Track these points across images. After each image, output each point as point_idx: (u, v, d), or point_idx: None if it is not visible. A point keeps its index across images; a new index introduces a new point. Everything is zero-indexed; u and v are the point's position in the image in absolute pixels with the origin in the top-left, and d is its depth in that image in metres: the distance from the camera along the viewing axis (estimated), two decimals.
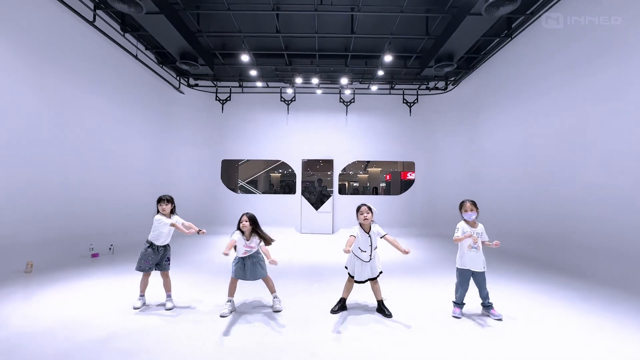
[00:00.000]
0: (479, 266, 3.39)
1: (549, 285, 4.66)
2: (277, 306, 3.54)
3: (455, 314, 3.39)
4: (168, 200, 3.72)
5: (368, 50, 8.51)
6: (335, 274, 5.34)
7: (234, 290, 3.57)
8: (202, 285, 4.58)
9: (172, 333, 2.96)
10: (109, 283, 4.54)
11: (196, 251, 7.30)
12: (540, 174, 6.75)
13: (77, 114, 6.55)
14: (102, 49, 7.11)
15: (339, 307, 3.53)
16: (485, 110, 9.05)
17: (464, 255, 3.45)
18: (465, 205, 3.49)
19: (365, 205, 3.50)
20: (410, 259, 6.63)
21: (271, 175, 17.56)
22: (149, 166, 9.05)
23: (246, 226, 3.52)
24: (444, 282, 4.82)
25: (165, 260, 3.65)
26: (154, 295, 3.85)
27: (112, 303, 3.69)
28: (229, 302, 3.51)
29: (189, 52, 7.32)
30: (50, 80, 5.96)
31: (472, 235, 3.41)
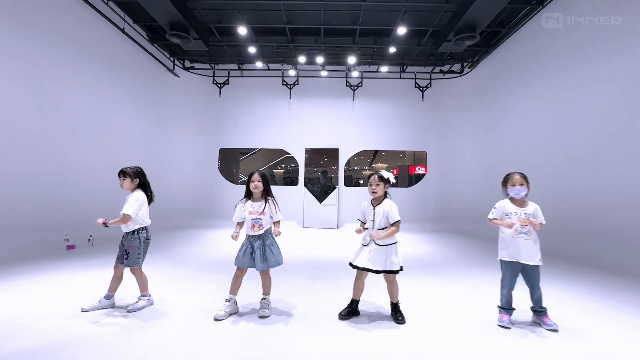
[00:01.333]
0: (530, 257, 2.59)
1: (602, 287, 3.84)
2: (264, 311, 2.76)
3: (502, 322, 2.59)
4: (125, 173, 2.94)
5: (378, 24, 7.68)
6: (341, 270, 4.58)
7: (238, 286, 2.82)
8: (184, 280, 3.83)
9: (134, 339, 2.21)
10: (78, 279, 3.82)
11: (187, 243, 6.57)
12: (567, 163, 5.91)
13: (53, 91, 5.84)
14: (83, 19, 6.39)
15: (348, 312, 2.76)
16: (506, 95, 8.18)
17: (509, 243, 2.64)
18: (513, 178, 2.67)
19: (377, 174, 2.73)
20: (426, 255, 5.84)
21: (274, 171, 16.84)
22: (138, 153, 8.34)
23: (258, 187, 2.79)
24: (472, 282, 4.03)
25: (124, 253, 2.87)
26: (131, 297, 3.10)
27: (69, 303, 2.95)
28: (229, 301, 2.76)
29: (179, 22, 6.58)
30: (24, 56, 5.27)
31: (520, 218, 2.61)
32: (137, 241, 2.90)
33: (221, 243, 6.76)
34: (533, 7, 6.56)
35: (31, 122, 5.47)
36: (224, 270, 4.27)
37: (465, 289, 3.73)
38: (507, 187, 2.71)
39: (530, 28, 7.05)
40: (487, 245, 6.73)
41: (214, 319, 2.62)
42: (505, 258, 2.67)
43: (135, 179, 2.98)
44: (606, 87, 5.29)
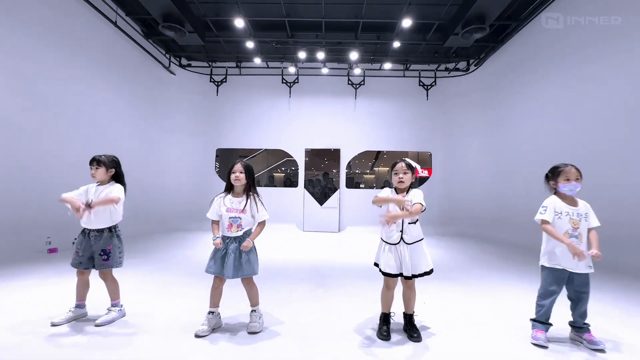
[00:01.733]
0: (581, 265, 2.17)
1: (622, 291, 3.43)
2: (253, 325, 2.35)
3: (538, 340, 2.17)
4: (99, 162, 2.57)
5: (382, 18, 7.34)
6: (344, 276, 4.18)
7: (218, 296, 2.40)
8: (172, 289, 3.43)
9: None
10: (54, 285, 3.41)
11: (180, 247, 6.17)
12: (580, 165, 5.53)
13: (39, 85, 5.49)
14: (72, 10, 6.06)
15: (388, 329, 2.32)
16: (514, 93, 7.83)
17: (556, 246, 2.23)
18: (569, 171, 2.24)
19: (404, 161, 2.35)
20: (435, 260, 5.40)
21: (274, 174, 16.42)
22: (131, 152, 7.97)
23: (240, 179, 2.39)
24: (490, 290, 3.62)
25: (100, 254, 2.47)
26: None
27: (41, 314, 2.55)
28: (211, 314, 2.34)
29: (173, 14, 6.25)
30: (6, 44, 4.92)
31: (571, 219, 2.21)
32: (116, 239, 2.55)
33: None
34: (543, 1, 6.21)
35: (13, 118, 5.10)
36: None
37: (484, 298, 3.32)
38: (557, 181, 2.30)
39: (538, 23, 6.75)
40: (498, 250, 6.32)
41: (195, 336, 2.21)
42: (548, 264, 2.25)
43: (111, 168, 2.60)
44: (617, 85, 5.06)
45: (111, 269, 2.53)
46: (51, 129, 5.76)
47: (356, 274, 4.28)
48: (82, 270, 2.50)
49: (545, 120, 6.74)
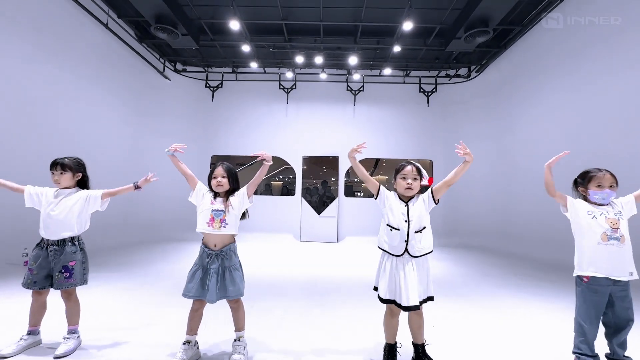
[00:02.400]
0: (622, 270, 1.83)
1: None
2: (237, 356, 1.99)
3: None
4: (63, 166, 2.25)
5: (382, 22, 7.15)
6: (343, 292, 3.82)
7: (197, 321, 2.06)
8: (151, 307, 3.07)
9: None
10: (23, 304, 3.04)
11: (169, 259, 5.79)
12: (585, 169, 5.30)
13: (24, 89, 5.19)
14: (60, 9, 5.82)
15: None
16: (517, 99, 7.63)
17: (592, 251, 1.88)
18: (602, 177, 1.93)
19: (413, 165, 2.03)
20: (441, 274, 5.07)
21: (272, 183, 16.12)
22: (124, 159, 7.67)
23: (222, 184, 2.12)
24: (509, 310, 3.27)
25: (61, 271, 2.12)
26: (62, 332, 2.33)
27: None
28: (187, 344, 2.00)
29: (165, 15, 6.02)
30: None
31: (608, 219, 1.89)
32: (80, 253, 2.22)
33: None
34: (551, 1, 6.02)
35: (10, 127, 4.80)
36: None
37: (501, 319, 2.97)
38: (588, 187, 1.99)
39: (538, 27, 6.62)
40: (506, 263, 5.97)
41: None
42: (585, 272, 1.89)
43: (78, 172, 2.29)
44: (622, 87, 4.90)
45: (74, 288, 2.19)
46: (39, 135, 5.44)
47: (356, 289, 3.93)
48: (38, 291, 2.15)
49: (549, 127, 6.52)
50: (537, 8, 6.30)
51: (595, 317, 1.87)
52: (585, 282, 1.90)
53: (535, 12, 6.44)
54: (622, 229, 1.86)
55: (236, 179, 2.18)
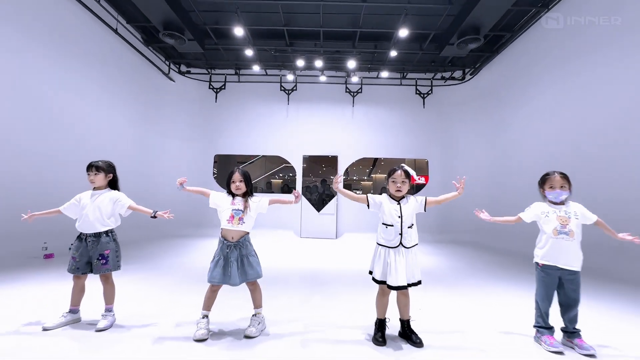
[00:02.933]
0: (571, 262, 2.22)
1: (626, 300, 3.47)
2: (251, 329, 2.36)
3: (554, 346, 2.17)
4: (98, 167, 2.60)
5: (379, 27, 7.48)
6: (341, 283, 4.19)
7: (212, 302, 2.42)
8: (169, 295, 3.43)
9: None
10: (49, 291, 3.40)
11: (176, 254, 6.15)
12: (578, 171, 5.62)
13: (38, 91, 5.53)
14: (75, 18, 6.14)
15: (383, 334, 2.34)
16: (509, 101, 7.97)
17: (545, 243, 2.28)
18: (553, 179, 2.32)
19: (402, 169, 2.38)
20: (435, 268, 5.45)
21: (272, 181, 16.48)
22: (130, 159, 7.99)
23: (240, 188, 2.46)
24: (491, 298, 3.65)
25: (98, 258, 2.49)
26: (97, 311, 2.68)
27: (27, 319, 2.54)
28: (206, 317, 2.36)
29: (173, 22, 6.34)
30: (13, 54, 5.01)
31: (559, 216, 2.26)
32: (113, 243, 2.58)
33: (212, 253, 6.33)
34: (538, 10, 6.37)
35: (12, 126, 5.12)
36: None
37: (481, 305, 3.34)
38: (544, 188, 2.37)
39: (532, 33, 6.93)
40: (495, 258, 6.35)
41: (195, 340, 2.22)
42: (540, 260, 2.30)
43: (109, 174, 2.64)
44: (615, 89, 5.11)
45: (111, 273, 2.55)
46: (50, 136, 5.77)
47: (353, 280, 4.29)
48: (78, 276, 2.51)
49: (539, 127, 6.83)
50: (526, 16, 6.65)
51: (547, 296, 2.25)
52: (540, 267, 2.28)
53: (525, 19, 6.80)
54: (571, 226, 2.23)
55: (250, 181, 2.54)
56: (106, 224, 2.55)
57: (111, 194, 2.62)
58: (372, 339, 2.34)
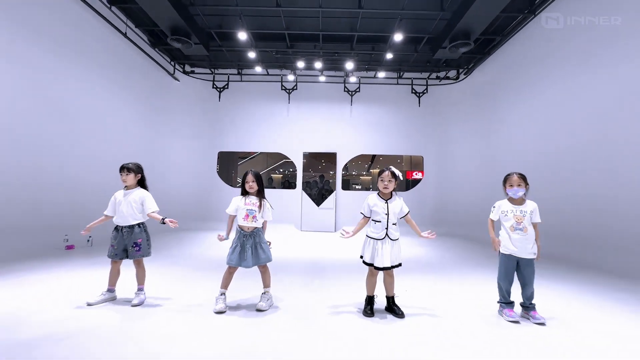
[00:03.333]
0: (525, 252, 2.70)
1: (589, 285, 3.93)
2: (262, 303, 2.84)
3: (511, 317, 2.67)
4: (129, 169, 3.03)
5: (375, 31, 7.86)
6: (340, 270, 4.65)
7: (229, 281, 2.90)
8: (183, 280, 3.89)
9: (131, 333, 2.27)
10: (77, 276, 3.86)
11: (186, 245, 6.61)
12: (564, 168, 6.05)
13: (54, 95, 5.91)
14: (87, 23, 6.51)
15: (372, 308, 2.82)
16: (501, 101, 8.36)
17: (505, 237, 2.79)
18: (511, 179, 2.79)
19: (389, 170, 2.82)
20: (423, 257, 5.93)
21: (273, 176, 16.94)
22: (137, 156, 8.37)
23: (253, 187, 2.91)
24: (473, 281, 4.11)
25: (132, 245, 2.94)
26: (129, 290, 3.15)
27: (68, 298, 3.01)
28: (223, 295, 2.83)
29: (180, 27, 6.70)
30: (26, 59, 5.35)
31: (515, 215, 2.72)
32: (144, 233, 3.04)
33: (220, 245, 6.79)
34: (526, 16, 6.74)
35: (32, 125, 5.52)
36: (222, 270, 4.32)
37: (462, 288, 3.81)
38: (505, 187, 2.81)
39: (524, 34, 7.19)
40: (481, 250, 6.81)
41: (215, 312, 2.68)
42: (502, 250, 2.79)
43: (138, 174, 3.08)
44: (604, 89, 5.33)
45: (142, 258, 3.00)
46: (65, 135, 6.17)
47: (348, 268, 4.76)
48: (116, 261, 2.96)
49: (530, 125, 7.13)
50: (514, 21, 7.03)
51: (507, 278, 2.75)
52: (501, 255, 2.78)
53: (514, 24, 7.17)
54: (525, 223, 2.70)
55: (262, 181, 2.97)
56: (137, 217, 2.99)
57: (140, 193, 3.05)
58: (362, 312, 2.80)
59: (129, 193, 3.03)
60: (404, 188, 11.61)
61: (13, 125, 5.20)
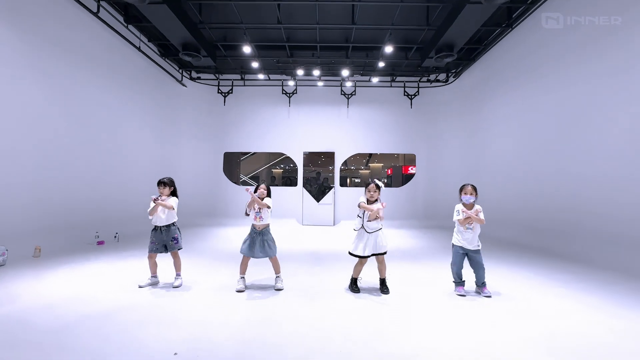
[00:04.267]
0: (473, 244, 3.49)
1: (545, 269, 4.73)
2: (278, 285, 3.64)
3: (459, 291, 3.48)
4: (165, 183, 3.79)
5: (369, 42, 8.54)
6: (337, 259, 5.43)
7: (245, 268, 3.68)
8: (207, 268, 4.70)
9: (179, 307, 3.06)
10: (115, 267, 4.64)
11: (200, 239, 7.41)
12: (540, 165, 6.80)
13: (80, 106, 6.63)
14: (105, 40, 7.20)
15: (356, 286, 3.61)
16: (486, 102, 9.08)
17: (459, 233, 3.58)
18: (466, 189, 3.57)
19: (374, 183, 3.57)
20: (410, 247, 6.72)
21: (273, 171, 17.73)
22: (152, 158, 9.15)
23: (264, 193, 3.66)
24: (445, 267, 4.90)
25: (171, 240, 3.72)
26: (163, 277, 3.94)
27: (118, 283, 3.79)
28: (242, 278, 3.63)
29: (191, 43, 7.39)
30: (55, 73, 6.03)
31: (471, 216, 3.49)
32: (177, 230, 3.82)
33: (231, 239, 7.59)
34: (503, 30, 7.42)
35: (63, 136, 6.24)
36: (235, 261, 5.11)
37: (436, 270, 4.61)
38: (460, 195, 3.58)
39: (507, 41, 7.82)
40: None
41: (236, 291, 3.48)
42: (455, 242, 3.59)
43: (171, 187, 3.83)
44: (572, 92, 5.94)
45: (178, 250, 3.78)
46: (90, 142, 6.88)
47: (346, 258, 5.52)
48: (153, 254, 3.74)
49: (514, 124, 7.76)
50: (494, 33, 7.71)
51: (458, 263, 3.53)
52: (454, 246, 3.56)
53: (494, 35, 7.85)
54: (475, 224, 3.46)
55: (270, 192, 3.72)
56: (172, 219, 3.76)
57: (171, 200, 3.80)
58: (350, 289, 3.60)
59: (165, 200, 3.78)
60: (399, 184, 12.38)
61: (48, 138, 5.93)
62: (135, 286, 3.65)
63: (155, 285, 3.75)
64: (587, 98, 5.66)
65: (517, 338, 2.45)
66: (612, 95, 5.15)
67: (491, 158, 8.83)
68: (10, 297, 3.22)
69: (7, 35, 5.14)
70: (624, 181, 4.89)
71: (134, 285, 3.68)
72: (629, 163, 4.81)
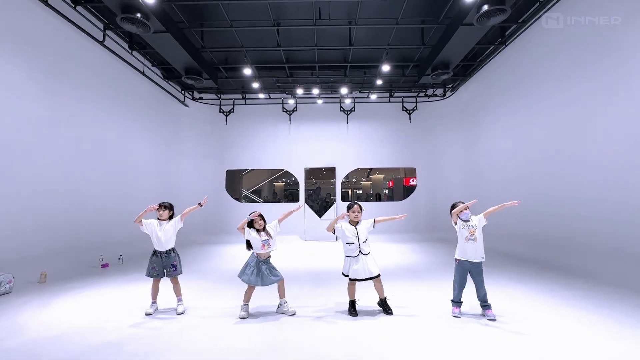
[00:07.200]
0: (475, 256, 3.49)
1: (548, 285, 4.73)
2: (290, 310, 3.66)
3: (455, 313, 3.48)
4: (165, 206, 3.87)
5: (366, 61, 8.76)
6: (339, 278, 5.44)
7: (249, 297, 3.68)
8: (210, 291, 4.73)
9: (184, 335, 3.10)
10: (120, 291, 4.69)
11: (204, 259, 7.44)
12: (539, 176, 6.86)
13: (86, 129, 6.82)
14: (111, 66, 7.44)
15: (354, 310, 3.63)
16: (483, 115, 9.21)
17: (461, 246, 3.58)
18: (459, 206, 3.63)
19: (357, 204, 3.65)
20: (413, 263, 6.72)
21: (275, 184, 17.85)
22: (155, 178, 9.29)
23: (261, 225, 3.70)
24: (447, 284, 4.91)
25: (170, 267, 3.77)
26: (167, 301, 3.99)
27: (124, 310, 3.84)
28: (246, 305, 3.64)
29: (193, 68, 7.61)
30: (62, 98, 6.26)
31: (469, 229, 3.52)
32: (177, 256, 3.88)
33: (234, 257, 7.62)
34: (496, 47, 7.62)
35: (68, 160, 6.41)
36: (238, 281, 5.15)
37: (438, 289, 4.61)
38: (457, 212, 3.63)
39: (502, 57, 8.00)
40: None
41: (239, 318, 3.51)
42: (458, 257, 3.58)
43: (171, 210, 3.92)
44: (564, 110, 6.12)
45: (177, 276, 3.83)
46: (94, 160, 7.03)
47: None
48: (157, 279, 3.79)
49: (510, 138, 7.89)
50: (487, 50, 7.90)
51: (460, 282, 3.54)
52: (457, 262, 3.56)
53: (488, 52, 8.04)
54: (476, 234, 3.49)
55: (264, 219, 3.76)
56: (172, 243, 3.82)
57: (172, 222, 3.88)
58: (348, 312, 3.63)
59: (164, 223, 3.85)
60: (401, 197, 12.43)
61: (52, 159, 6.07)
62: (139, 311, 3.69)
63: (158, 310, 3.78)
64: (586, 107, 5.65)
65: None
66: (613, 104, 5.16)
67: (490, 170, 8.90)
68: (18, 328, 3.27)
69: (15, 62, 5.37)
70: (625, 191, 4.88)
71: (138, 311, 3.72)
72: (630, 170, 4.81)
